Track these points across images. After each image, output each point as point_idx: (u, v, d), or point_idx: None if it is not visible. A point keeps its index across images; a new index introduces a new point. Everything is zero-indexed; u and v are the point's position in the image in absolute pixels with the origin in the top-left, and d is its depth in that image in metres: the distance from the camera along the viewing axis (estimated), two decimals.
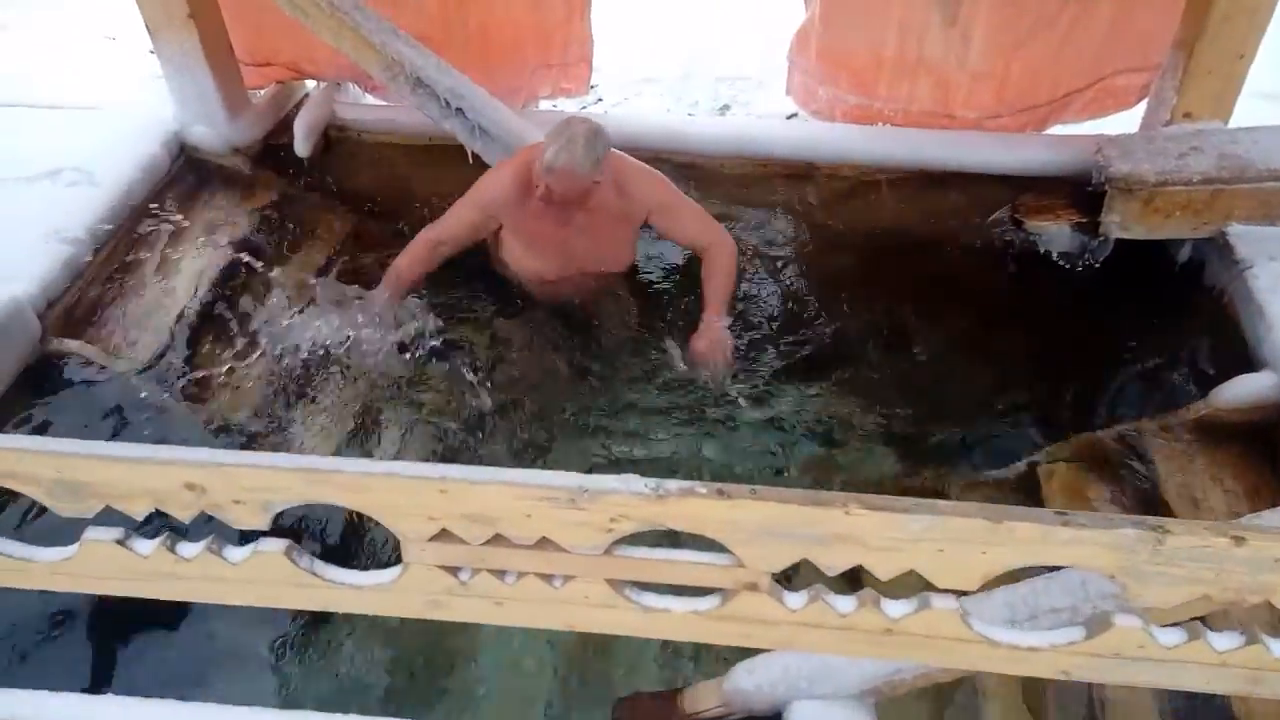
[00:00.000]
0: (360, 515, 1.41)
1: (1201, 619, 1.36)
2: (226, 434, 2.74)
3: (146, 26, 3.07)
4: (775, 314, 3.31)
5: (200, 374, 2.81)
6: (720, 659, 2.23)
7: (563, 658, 2.49)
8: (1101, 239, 3.02)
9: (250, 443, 2.73)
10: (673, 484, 1.27)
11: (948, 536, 1.22)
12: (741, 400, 3.07)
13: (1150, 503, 2.53)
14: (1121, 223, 2.91)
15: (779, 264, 3.44)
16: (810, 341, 3.24)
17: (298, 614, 2.44)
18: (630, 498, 1.28)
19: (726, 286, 3.10)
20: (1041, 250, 3.13)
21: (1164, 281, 3.05)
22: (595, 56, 3.55)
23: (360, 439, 2.88)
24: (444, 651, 2.51)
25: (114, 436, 2.62)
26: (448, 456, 2.90)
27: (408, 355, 3.03)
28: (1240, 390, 2.51)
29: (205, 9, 3.09)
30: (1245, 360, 2.61)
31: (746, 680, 1.91)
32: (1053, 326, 3.19)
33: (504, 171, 3.01)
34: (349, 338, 2.96)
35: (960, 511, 1.21)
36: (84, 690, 1.83)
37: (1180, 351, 2.90)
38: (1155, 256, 3.05)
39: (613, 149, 2.91)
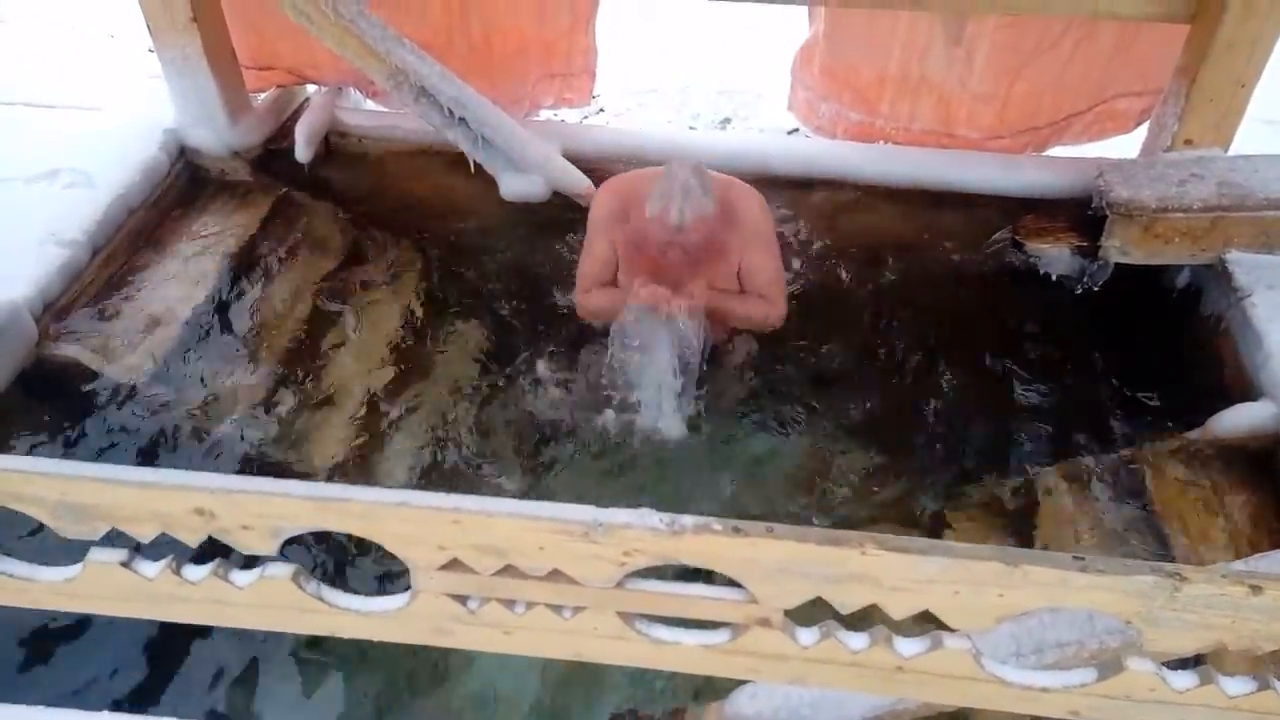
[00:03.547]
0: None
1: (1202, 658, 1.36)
2: (223, 442, 2.71)
3: (148, 29, 3.05)
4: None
5: (197, 380, 2.79)
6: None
7: (555, 675, 2.47)
8: (1101, 263, 3.02)
9: (249, 453, 2.71)
10: (688, 520, 1.27)
11: (963, 578, 1.22)
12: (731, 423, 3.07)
13: (1146, 529, 2.54)
14: (1121, 247, 2.92)
15: None
16: (805, 358, 3.24)
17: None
18: (644, 533, 1.27)
19: (738, 309, 2.95)
20: (1041, 272, 3.14)
21: (1162, 307, 3.06)
22: (598, 67, 3.54)
23: (360, 451, 2.87)
24: (433, 666, 2.50)
25: (109, 444, 2.60)
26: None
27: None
28: (1238, 419, 2.52)
29: (208, 12, 3.08)
30: (1243, 388, 2.62)
31: (748, 706, 1.90)
32: (1051, 349, 3.20)
33: (600, 200, 2.98)
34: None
35: (977, 554, 1.21)
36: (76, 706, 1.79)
37: (1177, 378, 2.92)
38: (1154, 282, 3.06)
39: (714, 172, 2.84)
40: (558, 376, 3.14)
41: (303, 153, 3.39)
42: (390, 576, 2.50)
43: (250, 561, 1.44)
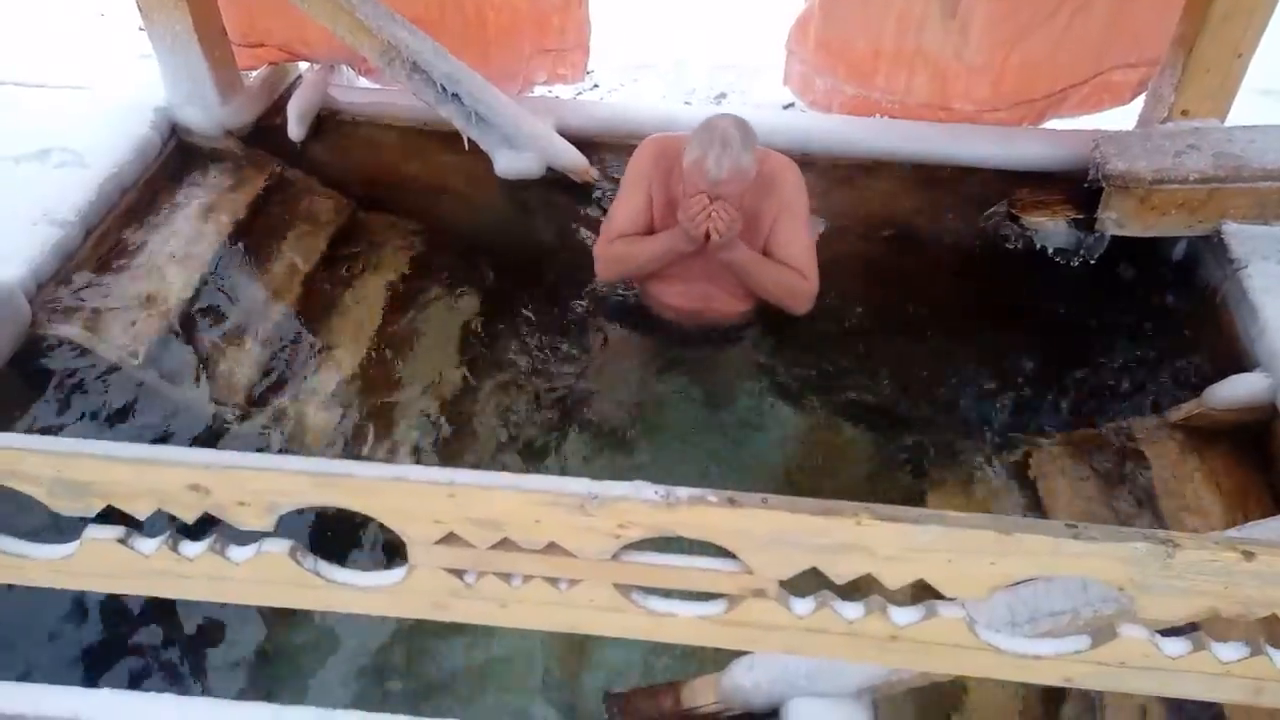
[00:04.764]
0: None
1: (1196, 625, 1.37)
2: (218, 420, 2.72)
3: (138, 7, 3.02)
4: (766, 304, 3.31)
5: (192, 359, 2.79)
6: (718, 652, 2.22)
7: (554, 649, 2.49)
8: (1097, 235, 3.02)
9: (244, 431, 2.71)
10: (683, 491, 1.27)
11: (957, 547, 1.22)
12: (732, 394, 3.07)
13: (1141, 501, 2.55)
14: (1117, 219, 2.92)
15: None
16: (801, 332, 3.24)
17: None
18: (640, 505, 1.27)
19: (772, 271, 2.81)
20: (1037, 245, 3.13)
21: (1158, 279, 3.06)
22: (592, 42, 3.52)
23: (356, 429, 2.87)
24: (433, 643, 2.51)
25: (105, 423, 2.60)
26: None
27: None
28: (1233, 390, 2.53)
29: None
30: (1238, 360, 2.62)
31: (745, 676, 1.92)
32: (1046, 322, 3.20)
33: (643, 150, 2.87)
34: None
35: (970, 523, 1.21)
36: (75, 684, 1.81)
37: (1173, 349, 2.92)
38: (1150, 253, 3.06)
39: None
40: (551, 353, 3.14)
41: (295, 131, 3.36)
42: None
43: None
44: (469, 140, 3.21)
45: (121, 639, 2.32)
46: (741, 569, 1.33)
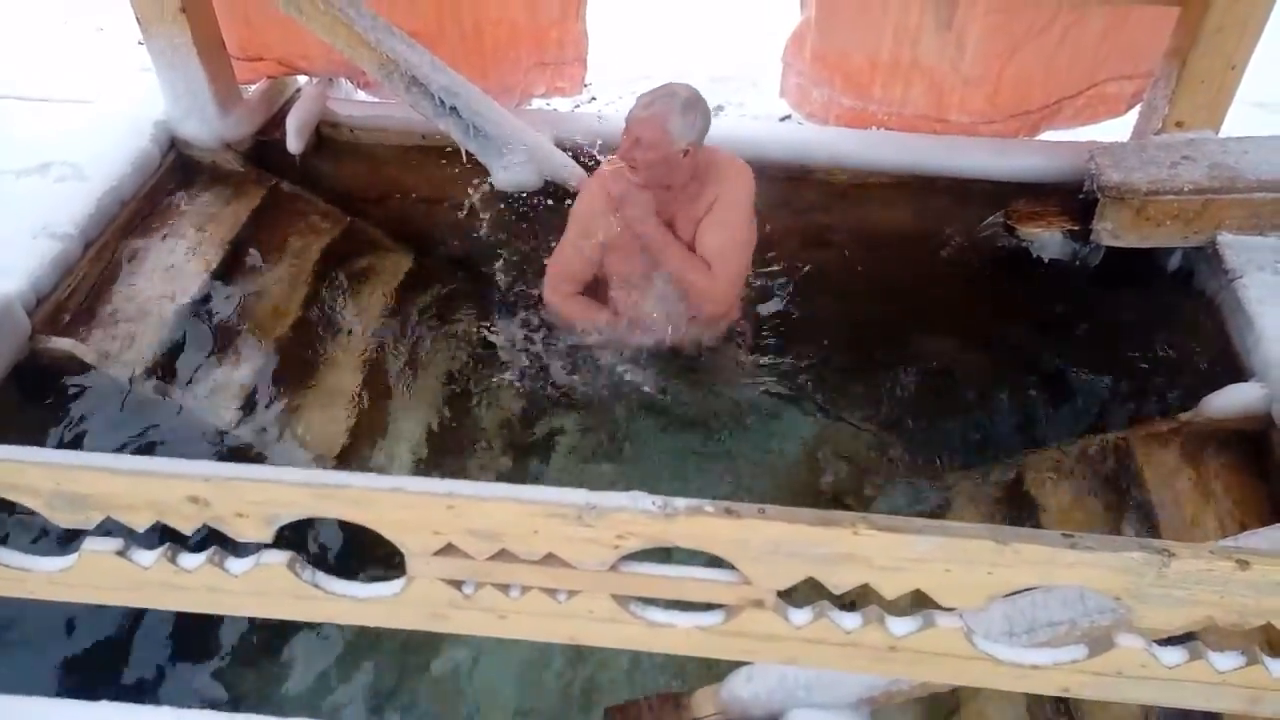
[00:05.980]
0: None
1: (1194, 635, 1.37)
2: (217, 434, 2.72)
3: (138, 20, 3.03)
4: (764, 315, 3.32)
5: (191, 372, 2.79)
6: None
7: (553, 660, 2.49)
8: (1093, 246, 3.03)
9: (244, 444, 2.71)
10: (680, 502, 1.28)
11: (954, 557, 1.23)
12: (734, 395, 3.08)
13: (1138, 511, 2.55)
14: (1113, 231, 2.93)
15: (770, 267, 3.44)
16: (799, 343, 3.25)
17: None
18: (638, 515, 1.28)
19: (677, 259, 2.79)
20: (1033, 256, 3.15)
21: (1154, 289, 3.07)
22: (590, 55, 3.54)
23: (353, 441, 2.87)
24: (431, 654, 2.51)
25: (105, 437, 2.60)
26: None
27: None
28: (1229, 400, 2.53)
29: (197, 3, 3.05)
30: (1234, 370, 2.63)
31: (744, 688, 1.91)
32: (1042, 333, 3.21)
33: (589, 184, 2.96)
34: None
35: (967, 533, 1.22)
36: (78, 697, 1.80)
37: (1169, 360, 2.93)
38: (1145, 264, 3.07)
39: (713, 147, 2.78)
40: (548, 365, 3.15)
41: (294, 144, 3.37)
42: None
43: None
44: (467, 153, 3.22)
45: (120, 651, 2.32)
46: (739, 579, 1.34)
